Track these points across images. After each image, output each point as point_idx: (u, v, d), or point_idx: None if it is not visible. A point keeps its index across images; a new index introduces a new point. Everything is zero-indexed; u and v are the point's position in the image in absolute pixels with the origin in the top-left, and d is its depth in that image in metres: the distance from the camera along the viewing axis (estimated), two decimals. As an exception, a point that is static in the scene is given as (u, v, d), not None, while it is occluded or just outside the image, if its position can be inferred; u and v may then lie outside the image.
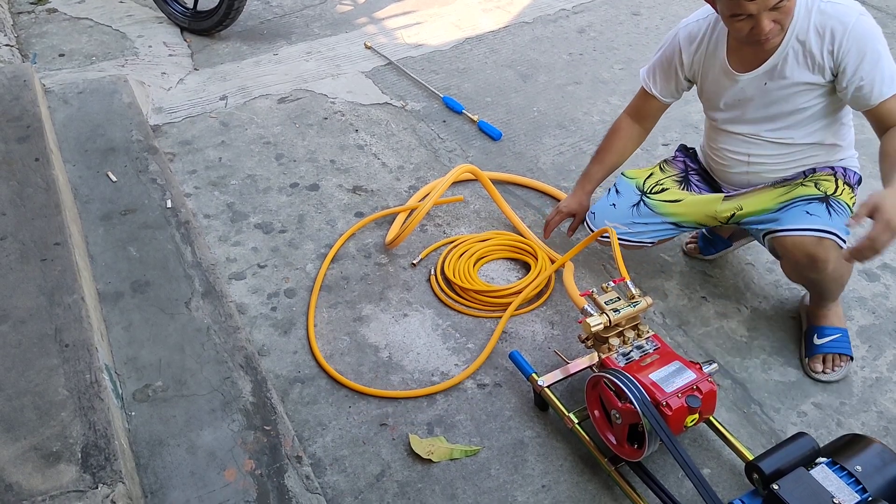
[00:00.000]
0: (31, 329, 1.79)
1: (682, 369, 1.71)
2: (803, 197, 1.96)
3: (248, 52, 3.51)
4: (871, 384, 2.04)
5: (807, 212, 1.91)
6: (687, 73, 2.07)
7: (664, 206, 2.14)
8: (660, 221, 2.15)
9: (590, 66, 3.45)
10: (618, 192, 2.21)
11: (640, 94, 2.21)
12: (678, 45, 2.04)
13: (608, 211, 2.19)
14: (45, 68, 3.28)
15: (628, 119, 2.28)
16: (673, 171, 2.23)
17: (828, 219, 1.89)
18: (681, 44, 2.03)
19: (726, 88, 1.99)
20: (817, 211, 1.91)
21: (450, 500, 1.75)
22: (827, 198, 1.94)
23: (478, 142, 2.96)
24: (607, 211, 2.19)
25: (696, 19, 2.01)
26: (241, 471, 1.69)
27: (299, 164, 2.79)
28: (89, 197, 2.44)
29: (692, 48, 2.01)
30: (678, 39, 2.04)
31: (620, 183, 2.23)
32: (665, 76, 2.11)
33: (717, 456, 1.85)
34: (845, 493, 1.47)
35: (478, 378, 2.04)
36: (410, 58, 3.49)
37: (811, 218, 1.90)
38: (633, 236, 2.17)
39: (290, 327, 2.16)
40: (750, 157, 2.04)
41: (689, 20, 2.04)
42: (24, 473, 1.48)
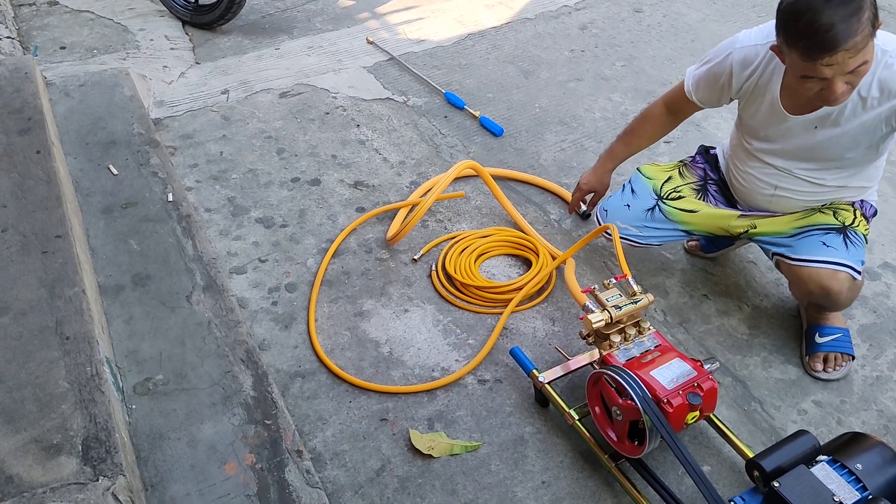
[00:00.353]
0: (31, 321, 1.78)
1: (683, 366, 1.71)
2: (820, 225, 1.93)
3: (249, 46, 3.50)
4: (872, 383, 2.04)
5: (823, 242, 1.89)
6: (733, 95, 1.96)
7: (679, 215, 2.12)
8: (671, 228, 2.14)
9: (591, 62, 3.45)
10: (633, 191, 2.18)
11: (681, 91, 2.09)
12: (730, 65, 1.90)
13: (621, 211, 2.17)
14: (46, 61, 3.27)
15: (662, 108, 2.19)
16: (692, 177, 2.18)
17: (844, 251, 1.87)
18: (733, 66, 1.89)
19: (772, 123, 1.90)
20: (834, 242, 1.89)
21: (450, 496, 1.75)
22: (844, 228, 1.91)
23: (479, 138, 2.96)
24: (620, 211, 2.17)
25: (753, 43, 1.86)
26: (241, 465, 1.69)
27: (301, 159, 2.78)
28: (90, 190, 2.44)
29: (744, 74, 1.88)
30: (731, 60, 1.89)
31: (637, 182, 2.20)
32: (709, 89, 2.00)
33: (717, 453, 1.85)
34: (846, 491, 1.48)
35: (478, 374, 2.04)
36: (412, 53, 3.48)
37: (827, 250, 1.88)
38: (641, 239, 2.16)
39: (291, 322, 2.16)
40: (776, 190, 1.99)
41: (745, 41, 1.88)
42: (25, 465, 1.48)
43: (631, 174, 2.26)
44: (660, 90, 3.25)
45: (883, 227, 2.54)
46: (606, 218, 2.20)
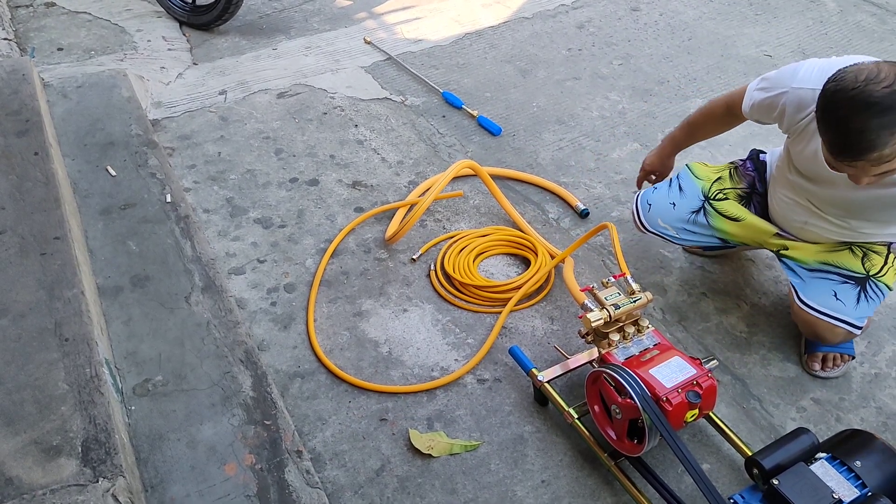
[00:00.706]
0: (30, 323, 1.78)
1: (682, 365, 1.71)
2: (842, 270, 1.90)
3: (247, 46, 3.50)
4: (871, 380, 2.05)
5: (835, 293, 1.88)
6: (784, 130, 1.87)
7: (722, 223, 2.07)
8: (710, 234, 2.10)
9: (589, 61, 3.45)
10: (681, 189, 2.13)
11: (740, 102, 1.97)
12: (784, 104, 1.80)
13: (666, 210, 2.11)
14: (43, 62, 3.27)
15: (724, 109, 2.08)
16: (741, 183, 2.12)
17: (853, 307, 1.86)
18: (787, 105, 1.79)
19: (815, 169, 1.80)
20: (846, 296, 1.87)
21: (450, 495, 1.75)
22: (867, 279, 1.88)
23: (477, 137, 2.96)
24: (665, 210, 2.11)
25: (811, 86, 1.72)
26: (241, 465, 1.69)
27: (299, 159, 2.78)
28: (88, 191, 2.43)
29: (797, 116, 1.79)
30: (786, 100, 1.79)
31: (686, 180, 2.14)
32: (763, 115, 1.92)
33: (716, 451, 1.85)
34: (845, 488, 1.48)
35: (478, 373, 2.04)
36: (410, 53, 3.48)
37: (835, 303, 1.87)
38: (676, 239, 2.13)
39: (290, 322, 2.16)
40: (806, 224, 1.95)
41: (804, 81, 1.76)
42: (25, 467, 1.48)
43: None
44: (657, 88, 3.26)
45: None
46: (649, 212, 2.14)
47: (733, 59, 3.47)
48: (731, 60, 3.46)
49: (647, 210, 2.15)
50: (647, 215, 2.15)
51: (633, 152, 2.88)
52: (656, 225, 2.13)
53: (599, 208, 2.61)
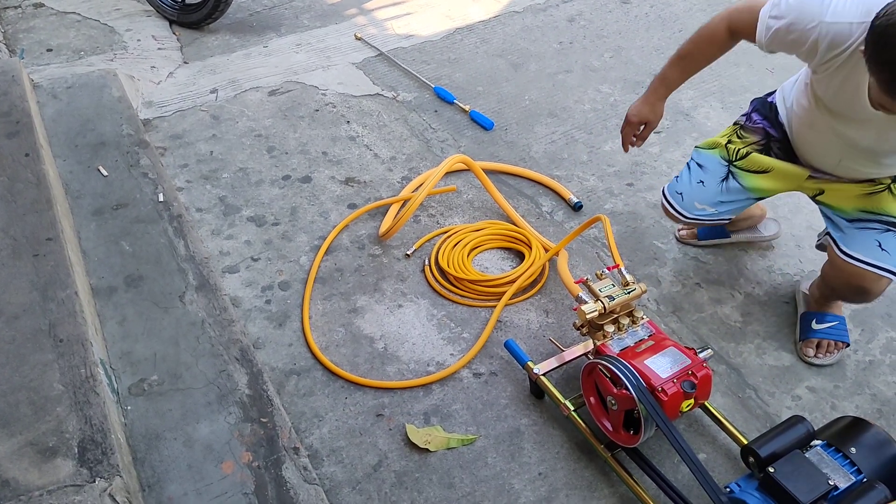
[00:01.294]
0: (24, 325, 1.78)
1: (677, 355, 1.71)
2: (884, 216, 1.83)
3: (237, 44, 3.49)
4: (865, 367, 2.05)
5: (879, 243, 1.81)
6: (813, 67, 1.72)
7: (752, 180, 1.98)
8: (745, 197, 2.02)
9: (580, 54, 3.45)
10: (700, 166, 2.06)
11: (751, 29, 1.74)
12: (816, 40, 1.61)
13: (696, 190, 2.04)
14: (33, 63, 3.25)
15: (726, 32, 1.89)
16: (752, 138, 2.01)
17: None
18: (819, 41, 1.61)
19: (851, 107, 1.69)
20: (890, 244, 1.81)
21: (447, 489, 1.75)
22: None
23: (470, 131, 2.95)
24: (696, 190, 2.05)
25: (847, 20, 1.56)
26: (238, 463, 1.69)
27: (291, 157, 2.78)
28: (80, 192, 2.43)
29: (830, 54, 1.62)
30: (818, 35, 1.60)
31: (700, 156, 2.08)
32: (785, 48, 1.72)
33: (712, 441, 1.86)
34: (840, 474, 1.49)
35: (473, 367, 2.04)
36: (401, 48, 3.48)
37: (881, 253, 1.81)
38: (716, 217, 2.06)
39: (285, 320, 2.16)
40: (840, 162, 1.85)
41: (838, 14, 1.57)
42: (21, 469, 1.48)
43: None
44: (648, 80, 3.24)
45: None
46: (682, 202, 2.08)
47: (724, 50, 3.47)
48: (722, 51, 3.46)
49: (680, 200, 2.09)
50: (683, 204, 2.08)
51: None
52: (694, 209, 2.06)
53: (593, 201, 2.61)
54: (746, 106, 2.12)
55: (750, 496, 1.50)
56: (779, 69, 3.26)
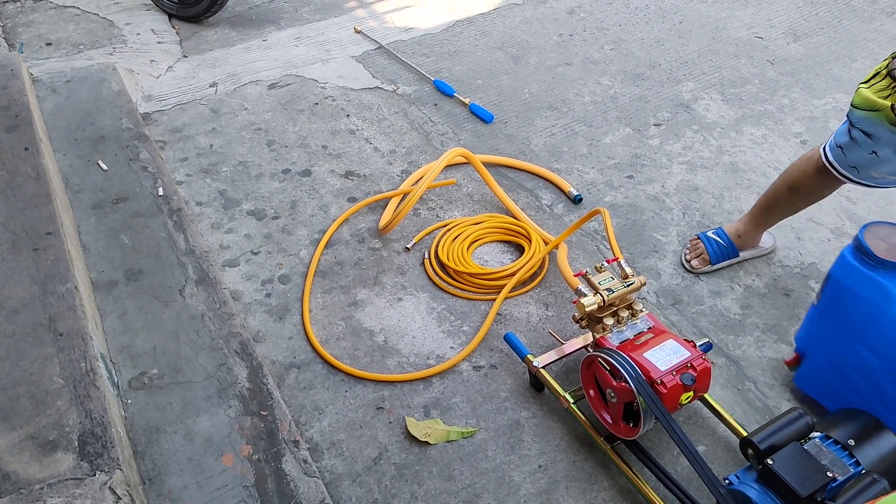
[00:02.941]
0: (24, 319, 1.78)
1: (676, 348, 1.71)
2: None
3: (237, 38, 3.48)
4: (864, 359, 2.05)
5: None
6: None
7: None
8: None
9: (580, 46, 3.44)
10: (868, 135, 1.78)
11: None
12: None
13: (872, 162, 1.82)
14: (32, 57, 3.25)
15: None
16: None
17: None
18: None
19: None
20: None
21: (447, 482, 1.76)
22: None
23: (469, 125, 2.95)
24: (871, 162, 1.82)
25: None
26: (238, 456, 1.70)
27: (291, 150, 2.78)
28: (80, 186, 2.43)
29: None
30: None
31: (864, 124, 1.78)
32: None
33: (711, 433, 1.86)
34: (839, 466, 1.49)
35: (473, 360, 2.04)
36: (401, 41, 3.47)
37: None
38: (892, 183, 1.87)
39: (285, 313, 2.16)
40: None
41: None
42: (22, 462, 1.48)
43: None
44: (649, 72, 3.26)
45: (872, 203, 2.55)
46: (859, 174, 1.87)
47: (724, 42, 3.46)
48: (722, 43, 3.45)
49: (856, 173, 1.88)
50: (860, 175, 1.87)
51: (626, 137, 2.88)
52: (872, 179, 1.87)
53: (592, 194, 2.61)
54: (747, 98, 2.09)
55: (749, 488, 1.50)
56: (780, 61, 3.25)
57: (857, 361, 1.70)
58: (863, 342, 1.68)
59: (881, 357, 1.65)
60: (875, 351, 1.66)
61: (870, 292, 1.65)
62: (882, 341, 1.64)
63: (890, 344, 1.63)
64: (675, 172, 2.70)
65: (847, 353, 1.72)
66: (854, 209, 2.51)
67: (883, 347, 1.64)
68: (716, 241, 2.29)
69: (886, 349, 1.64)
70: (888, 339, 1.63)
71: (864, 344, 1.68)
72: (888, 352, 1.64)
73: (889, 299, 1.62)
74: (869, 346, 1.67)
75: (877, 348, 1.65)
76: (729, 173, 2.69)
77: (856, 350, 1.70)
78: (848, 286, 1.69)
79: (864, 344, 1.68)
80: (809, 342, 1.86)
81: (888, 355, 1.64)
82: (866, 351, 1.68)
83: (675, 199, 2.58)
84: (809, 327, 1.85)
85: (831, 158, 1.92)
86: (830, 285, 1.74)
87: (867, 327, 1.67)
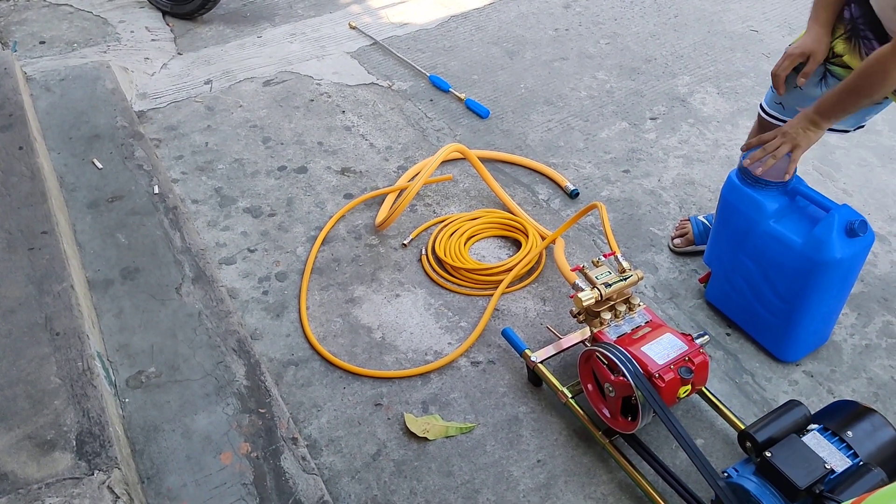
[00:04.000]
0: (20, 318, 1.78)
1: (673, 341, 1.71)
2: None
3: (231, 35, 3.47)
4: (861, 351, 2.06)
5: None
6: None
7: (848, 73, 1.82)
8: None
9: (575, 41, 3.44)
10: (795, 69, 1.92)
11: None
12: None
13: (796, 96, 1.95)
14: (25, 56, 3.24)
15: None
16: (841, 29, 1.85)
17: None
18: None
19: None
20: None
21: (446, 478, 1.76)
22: None
23: (465, 120, 2.95)
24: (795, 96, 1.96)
25: None
26: (237, 454, 1.70)
27: (286, 147, 2.77)
28: (75, 185, 2.42)
29: None
30: None
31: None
32: None
33: (710, 426, 1.86)
34: (837, 458, 1.49)
35: (471, 356, 2.04)
36: (396, 37, 3.46)
37: None
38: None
39: (283, 311, 2.16)
40: None
41: None
42: (19, 462, 1.48)
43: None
44: (644, 66, 3.25)
45: (868, 196, 2.55)
46: (784, 111, 2.01)
47: (720, 35, 3.46)
48: (717, 36, 3.45)
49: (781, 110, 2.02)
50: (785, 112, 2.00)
51: (622, 131, 2.88)
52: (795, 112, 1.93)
53: (589, 188, 2.61)
54: (742, 91, 2.11)
55: (747, 481, 1.50)
56: (775, 54, 3.25)
57: (741, 269, 2.00)
58: (743, 251, 1.97)
59: (757, 263, 1.94)
60: (752, 258, 1.95)
61: (747, 207, 1.91)
62: (757, 249, 1.93)
63: (762, 251, 1.91)
64: (672, 166, 2.70)
65: (734, 262, 2.02)
66: (850, 200, 2.51)
67: (757, 255, 1.93)
68: (703, 222, 2.33)
69: (759, 255, 1.93)
70: (761, 247, 1.91)
71: (745, 252, 1.97)
72: (761, 257, 1.93)
73: (762, 212, 1.89)
74: (748, 254, 1.96)
75: (754, 256, 1.94)
76: (725, 167, 2.69)
77: (739, 259, 1.99)
78: (732, 202, 1.95)
79: (744, 252, 1.97)
80: (711, 258, 2.12)
81: (761, 260, 1.93)
82: (746, 258, 1.97)
83: (672, 192, 2.58)
84: (710, 244, 2.13)
85: (763, 104, 2.10)
86: (721, 203, 2.00)
87: (746, 238, 1.94)
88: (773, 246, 1.88)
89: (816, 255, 1.79)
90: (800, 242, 1.82)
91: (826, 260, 1.79)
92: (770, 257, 1.90)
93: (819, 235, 1.79)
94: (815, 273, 1.82)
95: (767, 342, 2.03)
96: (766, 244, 1.90)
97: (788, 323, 1.94)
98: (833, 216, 1.78)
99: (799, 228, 1.85)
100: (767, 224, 1.88)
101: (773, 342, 2.02)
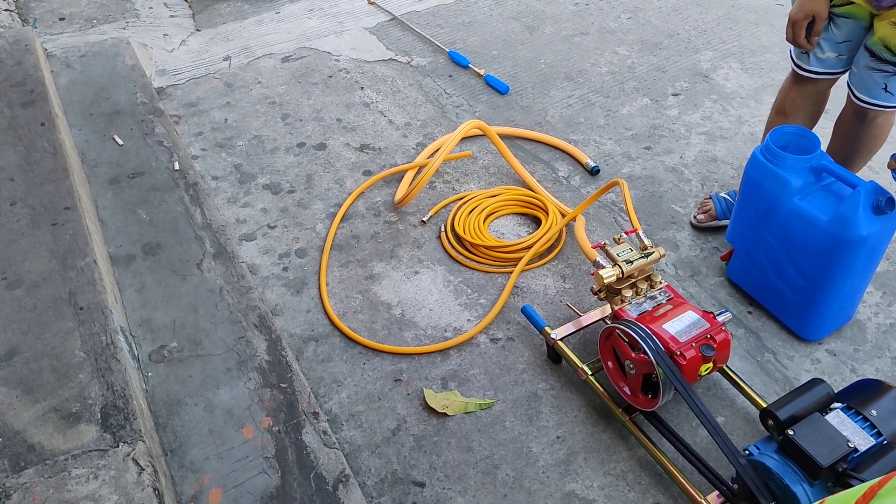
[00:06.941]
0: (45, 293, 1.80)
1: (695, 319, 1.70)
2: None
3: (249, 11, 3.46)
4: (885, 330, 2.04)
5: (885, 86, 1.90)
6: None
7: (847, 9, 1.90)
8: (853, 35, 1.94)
9: (596, 15, 3.39)
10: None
11: None
12: None
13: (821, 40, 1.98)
14: (45, 32, 3.25)
15: None
16: None
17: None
18: None
19: None
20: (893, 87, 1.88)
21: (465, 453, 1.77)
22: None
23: (485, 96, 2.92)
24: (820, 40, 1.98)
25: None
26: (258, 428, 1.71)
27: (305, 124, 2.76)
28: (96, 161, 2.43)
29: None
30: None
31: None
32: None
33: (731, 404, 1.86)
34: (860, 437, 1.48)
35: (490, 333, 2.04)
36: (415, 12, 3.43)
37: (885, 95, 1.91)
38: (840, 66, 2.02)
39: (303, 287, 2.17)
40: None
41: None
42: (46, 434, 1.50)
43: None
44: (666, 41, 3.21)
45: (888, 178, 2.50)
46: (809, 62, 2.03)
47: (744, 10, 3.40)
48: (741, 10, 3.39)
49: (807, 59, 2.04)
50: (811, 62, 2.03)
51: (643, 107, 2.84)
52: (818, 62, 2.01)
53: (610, 165, 2.58)
54: (767, 67, 2.09)
55: (769, 458, 1.50)
56: (800, 29, 3.19)
57: (764, 246, 1.99)
58: (766, 229, 1.96)
59: (780, 241, 1.93)
60: (776, 236, 1.94)
61: (772, 183, 1.90)
62: (781, 226, 1.91)
63: (786, 228, 1.90)
64: (694, 143, 2.67)
65: (757, 240, 2.00)
66: (877, 178, 2.46)
67: (781, 232, 1.92)
68: (725, 198, 2.32)
69: (783, 233, 1.91)
70: (785, 224, 1.90)
71: (768, 230, 1.95)
72: (784, 235, 1.91)
73: (787, 189, 1.87)
74: (771, 231, 1.94)
75: (777, 233, 1.93)
76: (749, 144, 2.66)
77: (762, 236, 1.98)
78: (756, 179, 1.94)
79: (767, 230, 1.96)
80: (734, 235, 2.10)
81: (784, 238, 1.91)
82: (769, 236, 1.95)
83: (694, 170, 2.56)
84: (733, 222, 2.10)
85: (792, 55, 2.10)
86: (745, 181, 1.99)
87: (770, 215, 1.93)
88: (797, 223, 1.86)
89: (842, 232, 1.77)
90: (825, 220, 1.80)
91: (852, 238, 1.76)
92: (794, 235, 1.88)
93: (845, 213, 1.76)
94: (841, 251, 1.80)
95: (790, 320, 2.01)
96: (790, 222, 1.88)
97: (811, 301, 1.92)
98: (859, 193, 1.75)
99: (824, 205, 1.83)
100: (792, 201, 1.86)
101: (795, 320, 2.00)
